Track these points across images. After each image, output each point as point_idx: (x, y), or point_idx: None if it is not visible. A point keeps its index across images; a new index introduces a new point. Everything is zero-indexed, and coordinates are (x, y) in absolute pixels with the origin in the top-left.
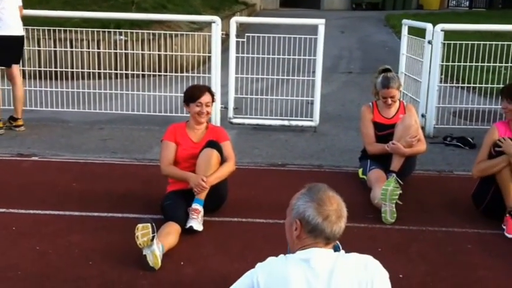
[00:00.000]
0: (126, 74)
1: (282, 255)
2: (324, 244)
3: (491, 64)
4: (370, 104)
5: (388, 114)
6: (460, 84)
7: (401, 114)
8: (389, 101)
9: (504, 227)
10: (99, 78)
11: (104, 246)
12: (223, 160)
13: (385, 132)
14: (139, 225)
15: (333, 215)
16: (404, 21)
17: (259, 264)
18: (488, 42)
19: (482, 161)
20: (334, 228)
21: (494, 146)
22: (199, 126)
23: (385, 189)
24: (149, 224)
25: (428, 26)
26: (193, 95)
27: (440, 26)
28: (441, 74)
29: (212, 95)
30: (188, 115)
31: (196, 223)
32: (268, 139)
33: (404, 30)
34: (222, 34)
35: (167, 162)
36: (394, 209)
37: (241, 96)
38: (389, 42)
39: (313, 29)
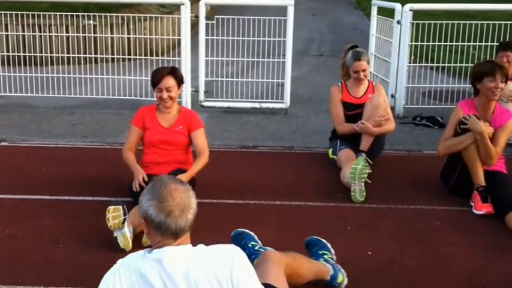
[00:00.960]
0: (95, 58)
1: (141, 252)
2: (173, 239)
3: (460, 44)
4: (339, 84)
5: (357, 93)
6: (429, 64)
7: (370, 94)
8: (361, 75)
9: (472, 204)
10: (69, 63)
11: (74, 229)
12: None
13: (354, 111)
14: (110, 207)
15: (176, 209)
16: (373, 1)
17: (120, 261)
18: (456, 22)
19: (448, 139)
20: (179, 223)
21: (459, 124)
22: (168, 110)
23: (354, 168)
24: (120, 207)
25: (397, 6)
26: (153, 79)
27: (408, 6)
28: (411, 55)
29: (177, 77)
30: None
31: None
32: (239, 122)
33: (374, 11)
34: (192, 16)
35: (127, 146)
36: (363, 188)
37: (212, 79)
38: (359, 24)
39: (284, 10)
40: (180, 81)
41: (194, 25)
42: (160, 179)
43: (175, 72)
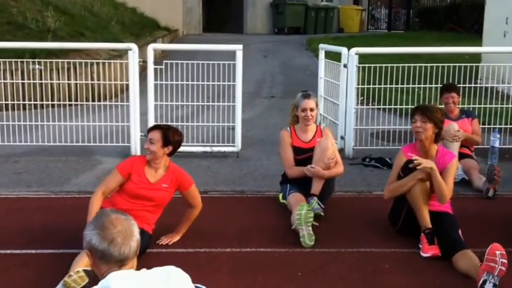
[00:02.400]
0: (41, 104)
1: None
2: (118, 267)
3: (405, 86)
4: (288, 128)
5: (305, 138)
6: (376, 106)
7: (319, 138)
8: (309, 113)
9: (420, 246)
10: (13, 109)
11: (17, 284)
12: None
13: (303, 156)
14: (81, 271)
15: (118, 237)
16: (321, 45)
17: None
18: (401, 65)
19: (392, 182)
20: (123, 250)
21: (402, 169)
22: (153, 163)
23: (299, 214)
24: (88, 278)
25: (344, 50)
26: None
27: (354, 50)
28: (361, 96)
29: (164, 135)
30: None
31: None
32: (190, 166)
33: (322, 55)
34: (140, 61)
35: (102, 190)
36: (312, 232)
37: (162, 123)
38: (310, 65)
39: (234, 54)
40: (166, 140)
41: (144, 69)
42: (102, 211)
43: (165, 130)
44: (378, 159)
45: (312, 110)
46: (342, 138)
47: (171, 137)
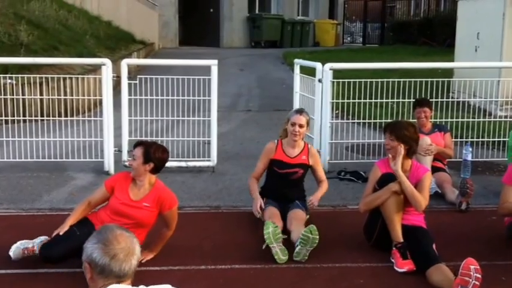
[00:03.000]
0: (12, 120)
1: None
2: (116, 283)
3: (379, 100)
4: (276, 141)
5: (291, 153)
6: (350, 121)
7: (304, 156)
8: (297, 128)
9: (393, 261)
10: None
11: None
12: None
13: (285, 170)
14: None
15: (121, 253)
16: (296, 60)
17: None
18: (374, 80)
19: (367, 195)
20: (123, 266)
21: (378, 182)
22: (137, 180)
23: (267, 233)
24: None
25: (318, 66)
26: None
27: (329, 65)
28: (336, 110)
29: (146, 152)
30: None
31: None
32: (165, 181)
33: (297, 69)
34: (114, 76)
35: (89, 200)
36: (283, 246)
37: (136, 138)
38: (287, 79)
39: (209, 69)
40: (147, 156)
41: (118, 84)
42: (106, 226)
43: (147, 147)
44: (353, 172)
45: (301, 126)
46: (318, 152)
47: (152, 153)
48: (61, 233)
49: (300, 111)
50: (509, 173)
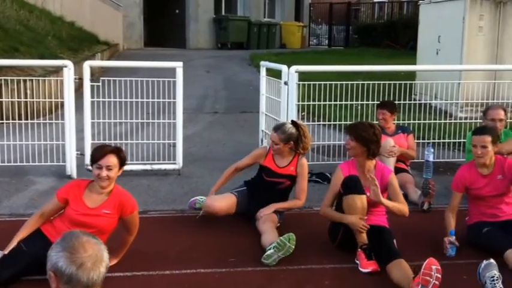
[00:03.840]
0: None
1: None
2: None
3: (343, 102)
4: (268, 147)
5: (280, 163)
6: (316, 123)
7: (292, 167)
8: (274, 146)
9: (358, 262)
10: None
11: None
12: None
13: (272, 179)
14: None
15: (88, 261)
16: (261, 62)
17: None
18: (339, 82)
19: (328, 206)
20: (91, 275)
21: (342, 185)
22: (102, 190)
23: (284, 242)
24: None
25: (284, 68)
26: (93, 155)
27: (294, 68)
28: (302, 112)
29: (120, 158)
30: None
31: None
32: (130, 185)
33: (263, 72)
34: (75, 78)
35: (42, 211)
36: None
37: (99, 142)
38: (254, 81)
39: (174, 71)
40: (122, 162)
41: (81, 86)
42: (72, 232)
43: (119, 152)
44: (319, 174)
45: (275, 144)
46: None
47: (123, 157)
48: (6, 252)
49: (275, 128)
50: (455, 179)
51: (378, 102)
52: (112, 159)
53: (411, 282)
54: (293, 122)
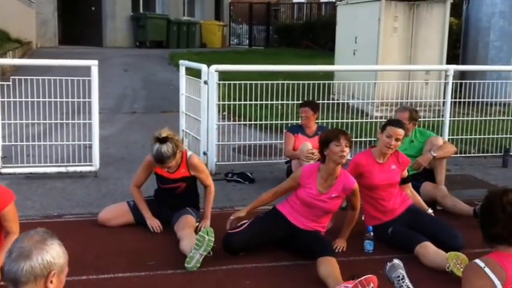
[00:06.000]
0: None
1: None
2: None
3: (264, 102)
4: None
5: (170, 169)
6: (237, 123)
7: (184, 169)
8: (166, 169)
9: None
10: None
11: None
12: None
13: (167, 186)
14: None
15: (15, 252)
16: (181, 62)
17: None
18: (259, 82)
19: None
20: (11, 267)
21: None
22: None
23: (203, 237)
24: None
25: (203, 67)
26: None
27: (214, 67)
28: (223, 111)
29: None
30: None
31: None
32: (44, 188)
33: (182, 71)
34: None
35: None
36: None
37: (11, 143)
38: (174, 80)
39: (90, 69)
40: None
41: None
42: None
43: None
44: (240, 174)
45: (169, 167)
46: (205, 154)
47: None
48: None
49: (162, 160)
50: (351, 164)
51: (299, 102)
52: None
53: (339, 281)
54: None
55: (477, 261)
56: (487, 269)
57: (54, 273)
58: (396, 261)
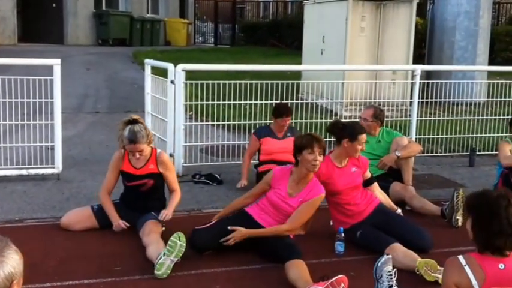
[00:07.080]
0: None
1: None
2: None
3: (232, 102)
4: (122, 150)
5: (137, 164)
6: (205, 123)
7: (152, 165)
8: (138, 155)
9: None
10: None
11: None
12: None
13: (133, 183)
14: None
15: None
16: (146, 60)
17: None
18: (227, 82)
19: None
20: None
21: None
22: None
23: (175, 241)
24: None
25: (170, 66)
26: None
27: (181, 67)
28: (190, 111)
29: None
30: None
31: None
32: (3, 192)
33: (148, 70)
34: None
35: None
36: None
37: None
38: (138, 79)
39: (51, 68)
40: None
41: None
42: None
43: None
44: (208, 175)
45: (141, 151)
46: (171, 155)
47: None
48: None
49: (135, 140)
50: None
51: (267, 102)
52: None
53: (309, 283)
54: (130, 121)
55: (460, 257)
56: (467, 268)
57: (15, 282)
58: (389, 256)
